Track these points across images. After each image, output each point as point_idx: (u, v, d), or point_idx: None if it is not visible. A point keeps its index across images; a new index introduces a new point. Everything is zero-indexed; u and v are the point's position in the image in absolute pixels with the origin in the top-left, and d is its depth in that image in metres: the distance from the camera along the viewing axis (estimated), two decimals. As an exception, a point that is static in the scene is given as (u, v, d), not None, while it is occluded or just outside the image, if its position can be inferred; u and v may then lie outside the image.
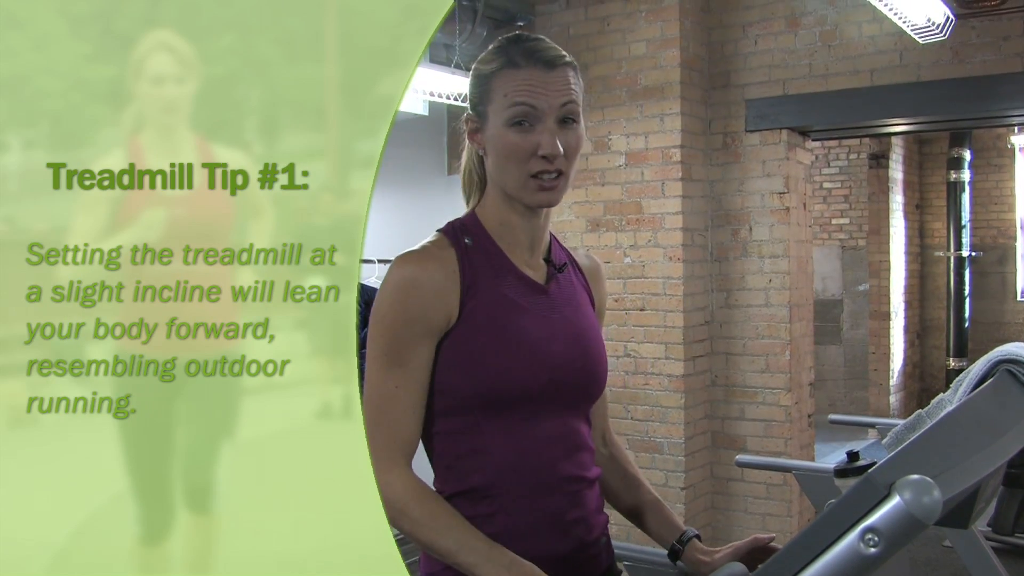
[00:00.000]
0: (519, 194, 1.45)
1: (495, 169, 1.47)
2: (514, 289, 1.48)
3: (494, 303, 1.45)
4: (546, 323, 1.48)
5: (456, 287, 1.44)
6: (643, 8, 4.81)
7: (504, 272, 1.48)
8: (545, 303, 1.50)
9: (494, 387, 1.42)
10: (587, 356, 1.52)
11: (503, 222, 1.50)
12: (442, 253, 1.46)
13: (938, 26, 3.99)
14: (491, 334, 1.43)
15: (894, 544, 1.05)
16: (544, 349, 1.46)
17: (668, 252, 4.82)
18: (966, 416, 1.40)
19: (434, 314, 1.42)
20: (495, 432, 1.43)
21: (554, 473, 1.47)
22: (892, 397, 8.77)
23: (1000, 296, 9.25)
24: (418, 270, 1.43)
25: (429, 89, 4.68)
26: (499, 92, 1.43)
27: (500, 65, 1.45)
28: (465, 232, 1.50)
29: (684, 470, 4.78)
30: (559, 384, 1.47)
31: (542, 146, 1.41)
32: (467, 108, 1.52)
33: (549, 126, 1.42)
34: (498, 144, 1.44)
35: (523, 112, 1.41)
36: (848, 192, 9.14)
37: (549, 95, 1.42)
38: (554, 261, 1.56)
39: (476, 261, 1.47)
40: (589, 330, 1.55)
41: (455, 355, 1.43)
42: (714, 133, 5.00)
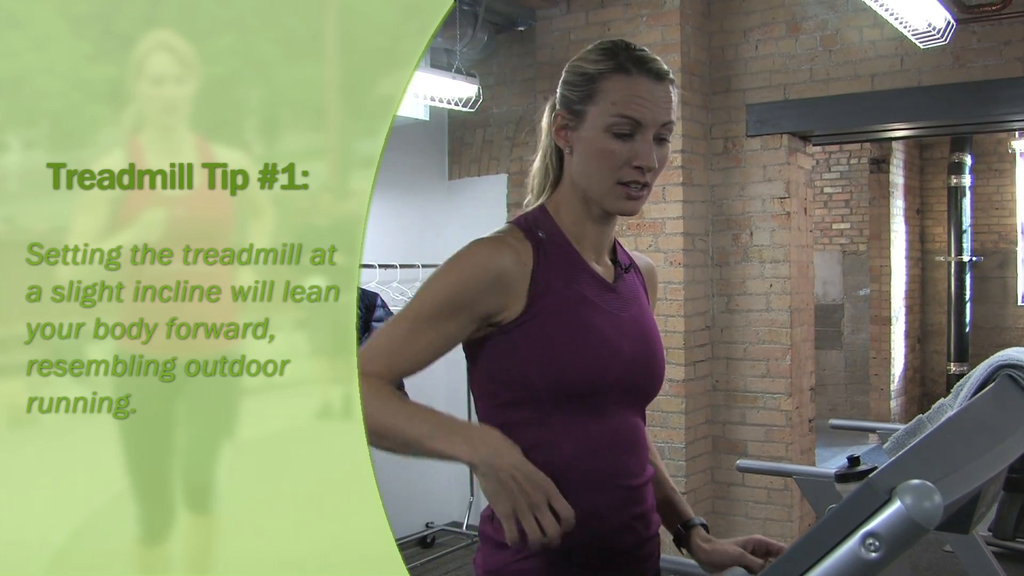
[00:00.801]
0: (602, 198, 1.48)
1: (582, 170, 1.48)
2: (587, 286, 1.50)
3: (568, 298, 1.47)
4: (616, 321, 1.50)
5: (526, 280, 1.45)
6: (644, 13, 4.81)
7: (577, 268, 1.50)
8: (615, 301, 1.52)
9: (567, 379, 1.43)
10: (652, 355, 1.55)
11: (576, 221, 1.52)
12: (518, 244, 1.47)
13: (939, 31, 4.00)
14: (566, 328, 1.45)
15: (895, 549, 1.05)
16: (615, 345, 1.48)
17: (669, 257, 4.82)
18: (967, 421, 1.40)
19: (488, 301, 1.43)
20: (563, 425, 1.45)
21: (618, 468, 1.49)
22: (893, 402, 8.76)
23: (1001, 301, 9.25)
24: (492, 256, 1.44)
25: (430, 94, 4.68)
26: (606, 96, 1.44)
27: (609, 68, 1.45)
28: (538, 226, 1.51)
29: (685, 475, 4.78)
30: (627, 380, 1.49)
31: (639, 157, 1.43)
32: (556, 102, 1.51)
33: (648, 138, 1.44)
34: (593, 147, 1.45)
35: (629, 125, 1.43)
36: (849, 197, 9.14)
37: (656, 110, 1.44)
38: (620, 261, 1.59)
39: (551, 255, 1.49)
40: (653, 330, 1.58)
41: (529, 347, 1.44)
42: (715, 138, 5.00)
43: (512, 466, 1.34)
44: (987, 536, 4.50)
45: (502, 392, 1.47)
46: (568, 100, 1.49)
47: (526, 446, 1.42)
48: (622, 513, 1.49)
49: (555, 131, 1.51)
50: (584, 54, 1.50)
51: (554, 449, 1.44)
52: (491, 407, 1.49)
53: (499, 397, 1.48)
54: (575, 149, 1.48)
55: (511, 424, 1.44)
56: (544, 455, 1.42)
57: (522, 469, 1.34)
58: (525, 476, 1.34)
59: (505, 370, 1.46)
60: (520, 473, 1.34)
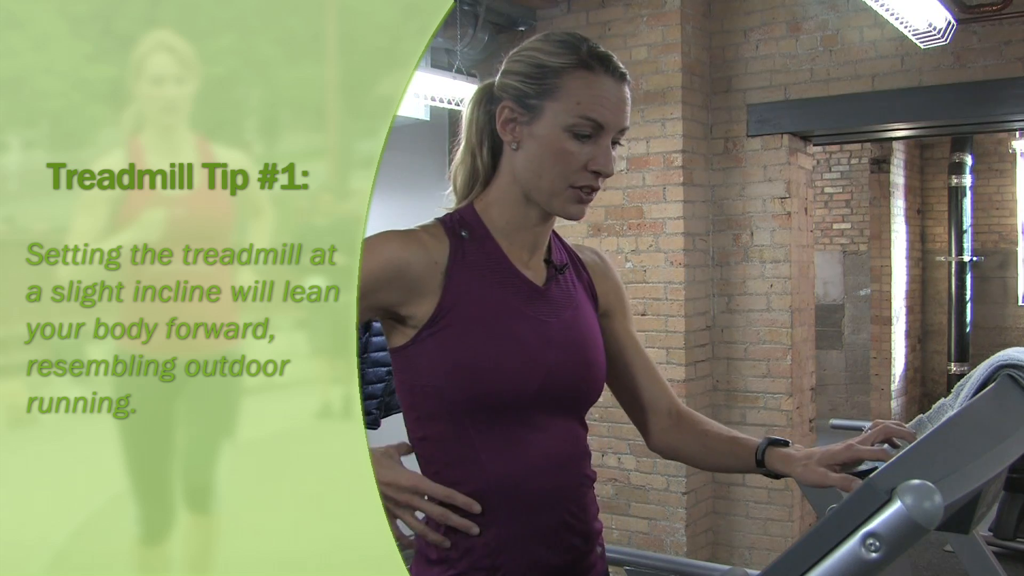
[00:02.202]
0: (549, 200, 1.40)
1: (530, 167, 1.39)
2: (510, 291, 1.41)
3: (487, 304, 1.39)
4: (542, 327, 1.42)
5: (436, 279, 1.38)
6: (644, 13, 4.81)
7: (501, 272, 1.42)
8: (542, 306, 1.44)
9: (484, 393, 1.36)
10: (584, 361, 1.46)
11: (510, 221, 1.44)
12: (431, 240, 1.40)
13: (939, 31, 4.00)
14: (483, 337, 1.37)
15: (895, 549, 1.05)
16: (538, 354, 1.39)
17: (670, 257, 4.82)
18: (967, 421, 1.40)
19: (384, 293, 1.36)
20: (486, 440, 1.37)
21: (550, 484, 1.41)
22: (894, 402, 8.76)
23: (1001, 301, 9.24)
24: (396, 248, 1.37)
25: (431, 94, 4.68)
26: (569, 95, 1.36)
27: (572, 63, 1.37)
28: (463, 225, 1.43)
29: (685, 475, 4.77)
30: (554, 390, 1.41)
31: (597, 161, 1.37)
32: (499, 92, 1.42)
33: (607, 143, 1.38)
34: (549, 146, 1.37)
35: (591, 127, 1.36)
36: (849, 197, 9.14)
37: (618, 114, 1.38)
38: (554, 262, 1.50)
39: (471, 257, 1.41)
40: (588, 334, 1.48)
41: (442, 356, 1.36)
42: (715, 138, 5.00)
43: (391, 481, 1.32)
44: (988, 536, 4.50)
45: (419, 404, 1.40)
46: (519, 92, 1.38)
47: (447, 461, 1.38)
48: (557, 528, 1.42)
49: (501, 124, 1.40)
50: (537, 44, 1.40)
51: (477, 465, 1.37)
52: (413, 419, 1.42)
53: (418, 409, 1.40)
54: (524, 145, 1.39)
55: (430, 438, 1.40)
56: (467, 472, 1.37)
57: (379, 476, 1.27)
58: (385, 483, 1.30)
59: (420, 381, 1.38)
60: (386, 487, 1.31)
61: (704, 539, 4.99)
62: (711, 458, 1.62)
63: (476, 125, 1.46)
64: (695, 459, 1.65)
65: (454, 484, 1.37)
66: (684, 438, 1.63)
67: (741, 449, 1.54)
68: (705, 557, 4.93)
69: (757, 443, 1.51)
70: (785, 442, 1.50)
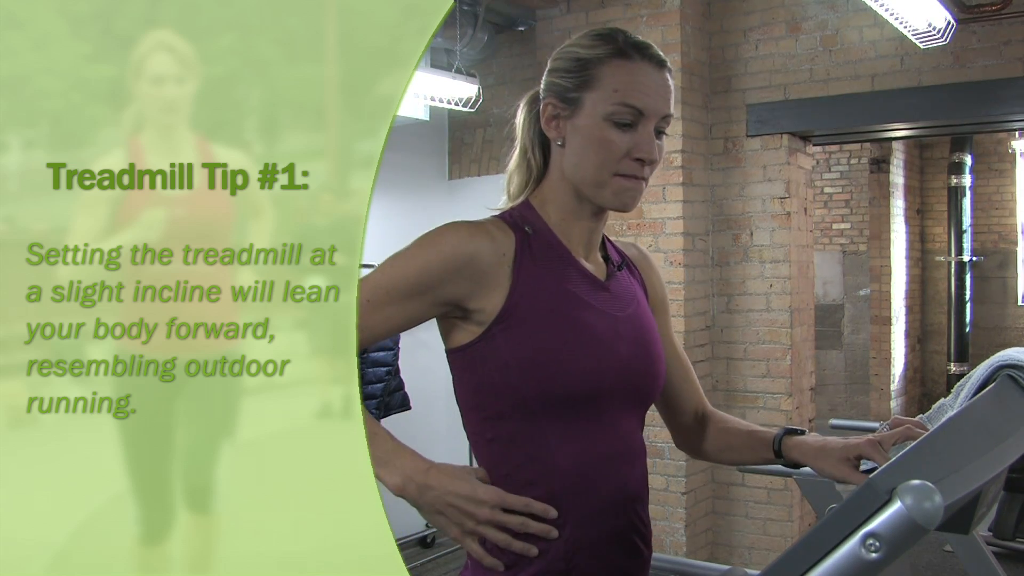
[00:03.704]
0: (596, 192, 1.39)
1: (576, 161, 1.38)
2: (578, 284, 1.40)
3: (558, 296, 1.37)
4: (611, 320, 1.40)
5: (505, 272, 1.36)
6: (644, 13, 4.81)
7: (567, 266, 1.40)
8: (609, 300, 1.43)
9: (559, 385, 1.33)
10: (650, 356, 1.45)
11: (565, 218, 1.43)
12: (499, 233, 1.38)
13: (939, 31, 4.00)
14: (556, 329, 1.34)
15: (895, 549, 1.05)
16: (611, 347, 1.38)
17: (669, 257, 4.82)
18: (967, 421, 1.39)
19: (455, 285, 1.33)
20: (560, 438, 1.34)
21: (620, 484, 1.39)
22: (893, 402, 8.77)
23: (1001, 301, 9.25)
24: (466, 238, 1.35)
25: (430, 94, 4.68)
26: (607, 83, 1.35)
27: (608, 52, 1.36)
28: (524, 220, 1.41)
29: (685, 475, 4.77)
30: (625, 384, 1.39)
31: (640, 148, 1.35)
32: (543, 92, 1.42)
33: (649, 129, 1.36)
34: (591, 136, 1.36)
35: (631, 114, 1.34)
36: (849, 197, 9.14)
37: (658, 100, 1.36)
38: (612, 258, 1.50)
39: (537, 252, 1.39)
40: (651, 329, 1.48)
41: (515, 351, 1.33)
42: (715, 138, 5.00)
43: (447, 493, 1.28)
44: (987, 536, 4.50)
45: (490, 403, 1.36)
46: (560, 88, 1.38)
47: (518, 463, 1.35)
48: (625, 530, 1.40)
49: (545, 121, 1.40)
50: (576, 40, 1.40)
51: (550, 462, 1.34)
52: (479, 420, 1.39)
53: (487, 409, 1.37)
54: (568, 140, 1.38)
55: (501, 438, 1.36)
56: (539, 469, 1.34)
57: (456, 491, 1.28)
58: (464, 498, 1.28)
59: (491, 378, 1.35)
60: (456, 496, 1.28)
61: (704, 539, 4.99)
62: (732, 454, 1.63)
63: (526, 129, 1.47)
64: (718, 456, 1.66)
65: (527, 485, 1.34)
66: (709, 438, 1.64)
67: (758, 442, 1.55)
68: (705, 557, 4.93)
69: (774, 434, 1.52)
70: (801, 431, 1.50)
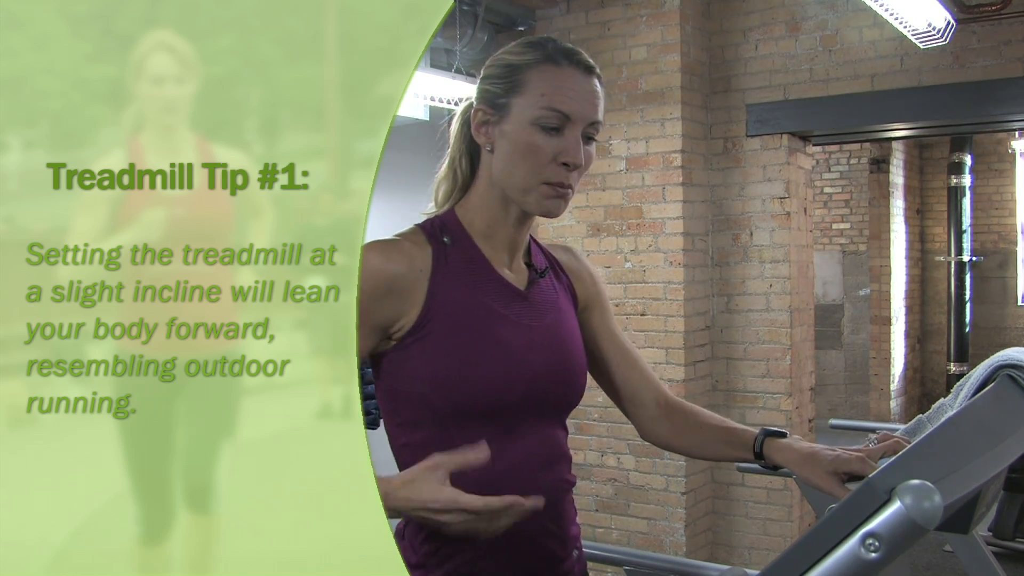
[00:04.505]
0: (523, 198, 1.39)
1: (503, 167, 1.39)
2: (493, 295, 1.41)
3: (471, 309, 1.39)
4: (525, 331, 1.42)
5: (422, 286, 1.37)
6: (644, 13, 4.81)
7: (484, 277, 1.42)
8: (525, 309, 1.44)
9: (469, 398, 1.35)
10: (567, 365, 1.46)
11: (490, 224, 1.44)
12: (414, 248, 1.40)
13: (939, 31, 4.00)
14: (467, 342, 1.36)
15: (895, 549, 1.05)
16: (522, 358, 1.39)
17: (669, 257, 4.82)
18: (967, 421, 1.39)
19: (381, 311, 1.35)
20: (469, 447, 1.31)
21: (531, 490, 1.34)
22: (893, 402, 8.77)
23: (1001, 301, 9.25)
24: (381, 261, 1.36)
25: (430, 94, 4.68)
26: (534, 87, 1.36)
27: (536, 59, 1.37)
28: (444, 231, 1.43)
29: (685, 475, 4.77)
30: (538, 395, 1.41)
31: (566, 153, 1.35)
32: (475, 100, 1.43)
33: (576, 134, 1.36)
34: (518, 141, 1.37)
35: (557, 118, 1.35)
36: (849, 197, 9.15)
37: (585, 105, 1.37)
38: (535, 265, 1.50)
39: (453, 262, 1.40)
40: (570, 338, 1.49)
41: (427, 363, 1.36)
42: (715, 138, 5.00)
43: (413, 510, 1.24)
44: (987, 536, 4.50)
45: (402, 411, 1.39)
46: (490, 94, 1.40)
47: None
48: (536, 535, 1.41)
49: (474, 127, 1.41)
50: (508, 48, 1.42)
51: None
52: (394, 426, 1.41)
53: (399, 416, 1.40)
54: (496, 145, 1.39)
55: (413, 444, 1.38)
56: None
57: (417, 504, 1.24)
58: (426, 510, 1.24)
59: (403, 387, 1.37)
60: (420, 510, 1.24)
61: (703, 539, 4.99)
62: (705, 448, 1.63)
63: (457, 138, 1.48)
64: (689, 449, 1.67)
65: None
66: (675, 428, 1.64)
67: (737, 439, 1.56)
68: (704, 557, 4.93)
69: (755, 434, 1.53)
70: (783, 433, 1.51)
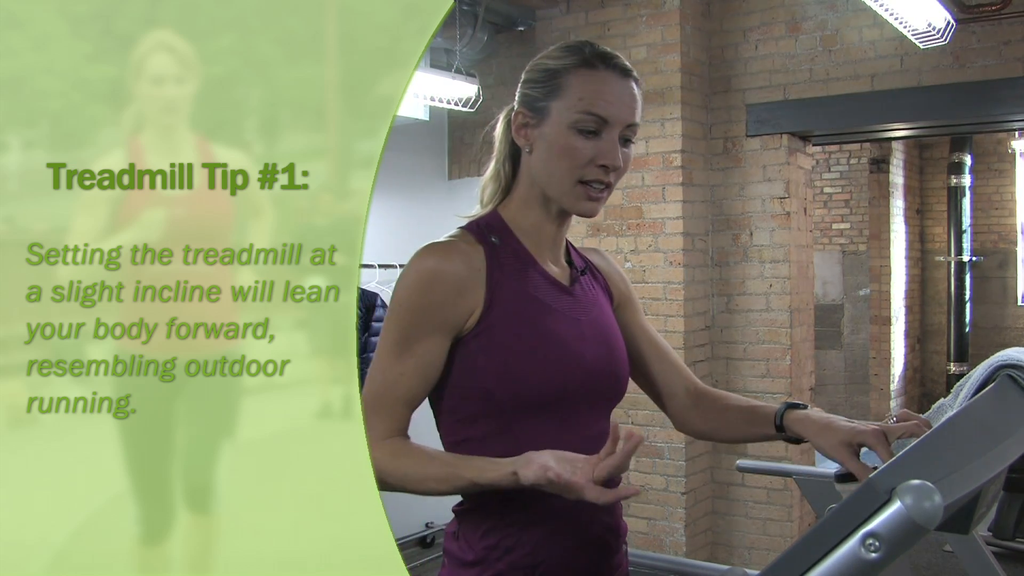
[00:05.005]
0: (562, 198, 1.44)
1: (543, 168, 1.44)
2: (542, 290, 1.46)
3: (524, 303, 1.43)
4: (575, 325, 1.47)
5: (482, 284, 1.41)
6: (644, 13, 4.81)
7: (532, 273, 1.47)
8: (572, 305, 1.49)
9: (530, 389, 1.39)
10: (614, 356, 1.51)
11: (533, 223, 1.48)
12: (469, 248, 1.44)
13: (939, 31, 4.00)
14: (523, 335, 1.41)
15: (895, 549, 1.05)
16: (575, 351, 1.44)
17: (669, 257, 4.82)
18: (967, 421, 1.39)
19: (452, 309, 1.39)
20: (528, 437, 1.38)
21: None
22: (893, 402, 8.77)
23: (1001, 301, 9.25)
24: (442, 262, 1.40)
25: (430, 94, 4.68)
26: (572, 91, 1.40)
27: (574, 63, 1.42)
28: (491, 231, 1.47)
29: (685, 475, 4.77)
30: (590, 386, 1.45)
31: (604, 155, 1.40)
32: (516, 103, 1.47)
33: (614, 137, 1.40)
34: (556, 144, 1.41)
35: (594, 122, 1.39)
36: (849, 197, 9.14)
37: (622, 108, 1.41)
38: (575, 264, 1.56)
39: (504, 260, 1.45)
40: (613, 332, 1.54)
41: (487, 358, 1.40)
42: (715, 138, 5.00)
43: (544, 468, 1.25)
44: (987, 536, 4.50)
45: (463, 406, 1.42)
46: (530, 98, 1.45)
47: None
48: (592, 525, 1.45)
49: (515, 129, 1.46)
50: (547, 52, 1.47)
51: None
52: (453, 422, 1.44)
53: (460, 412, 1.43)
54: (536, 147, 1.44)
55: (473, 439, 1.41)
56: None
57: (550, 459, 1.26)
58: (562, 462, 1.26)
59: (465, 383, 1.41)
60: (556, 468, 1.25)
61: (703, 539, 4.99)
62: (732, 430, 1.65)
63: (500, 141, 1.53)
64: (718, 434, 1.69)
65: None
66: (705, 416, 1.67)
67: (758, 416, 1.57)
68: (704, 557, 4.93)
69: (776, 408, 1.54)
70: (804, 405, 1.53)
